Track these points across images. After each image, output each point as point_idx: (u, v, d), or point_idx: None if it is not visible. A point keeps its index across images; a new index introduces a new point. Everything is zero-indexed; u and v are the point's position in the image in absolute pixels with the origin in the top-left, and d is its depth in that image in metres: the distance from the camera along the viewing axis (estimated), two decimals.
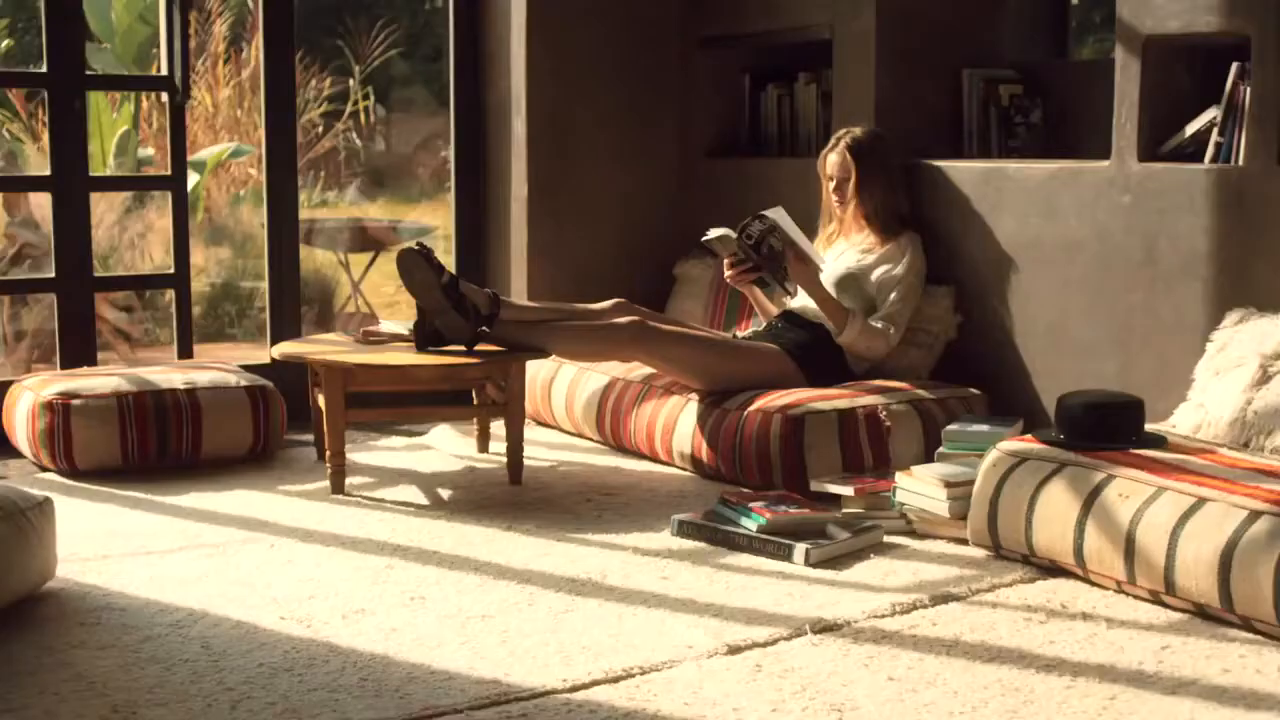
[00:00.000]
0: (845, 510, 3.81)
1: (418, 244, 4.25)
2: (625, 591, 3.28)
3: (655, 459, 4.54)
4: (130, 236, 9.41)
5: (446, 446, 4.76)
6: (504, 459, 4.30)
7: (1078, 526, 3.28)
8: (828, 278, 4.50)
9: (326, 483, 4.17)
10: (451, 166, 5.64)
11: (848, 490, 3.82)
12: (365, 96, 12.29)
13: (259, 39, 5.37)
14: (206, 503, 4.06)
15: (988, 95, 4.91)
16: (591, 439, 4.84)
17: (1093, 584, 3.30)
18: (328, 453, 4.16)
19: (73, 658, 2.84)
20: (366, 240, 8.90)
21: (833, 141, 4.61)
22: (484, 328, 4.23)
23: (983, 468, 3.54)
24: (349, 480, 4.26)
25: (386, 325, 4.54)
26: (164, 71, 5.05)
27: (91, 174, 5.04)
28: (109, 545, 3.62)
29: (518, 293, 5.44)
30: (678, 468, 4.45)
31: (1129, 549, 3.17)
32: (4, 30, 12.24)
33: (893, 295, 4.45)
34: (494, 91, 5.51)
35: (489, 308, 4.24)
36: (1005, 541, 3.47)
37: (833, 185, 4.59)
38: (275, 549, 3.61)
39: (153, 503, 4.06)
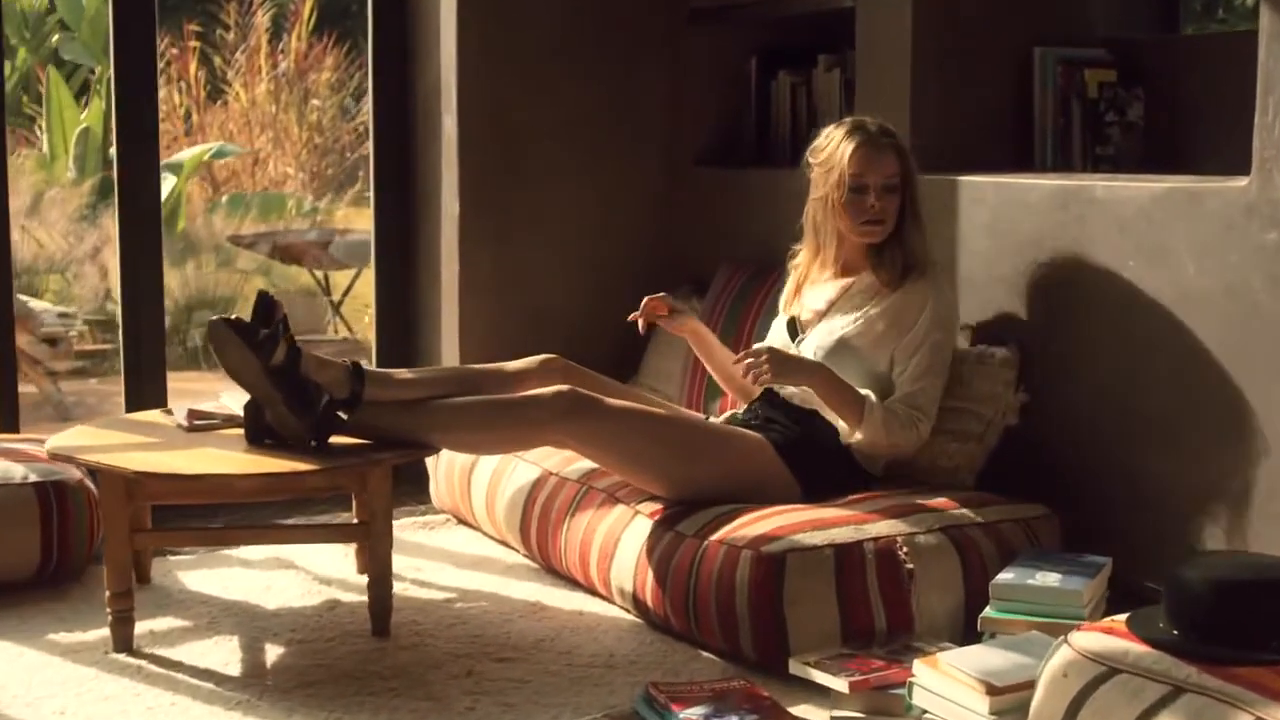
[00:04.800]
0: (835, 715, 2.51)
1: (232, 316, 3.02)
2: None
3: (592, 590, 3.26)
4: (87, 249, 8.30)
5: (316, 564, 3.50)
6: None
7: None
8: (814, 348, 3.18)
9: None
10: (371, 178, 4.40)
11: (839, 684, 2.51)
12: None
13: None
14: None
15: (1068, 83, 3.58)
16: (519, 551, 3.58)
17: None
18: (107, 594, 2.93)
19: None
20: (290, 256, 7.72)
21: (863, 132, 3.13)
22: (341, 413, 2.99)
23: (1046, 674, 2.21)
24: (150, 626, 3.04)
25: (227, 400, 3.31)
26: None
27: None
28: None
29: (448, 340, 4.19)
30: (620, 607, 3.17)
31: None
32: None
33: (913, 362, 3.11)
34: (423, 81, 4.26)
35: (348, 388, 2.99)
36: None
37: (877, 197, 3.12)
38: None
39: None
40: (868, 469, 3.14)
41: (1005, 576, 2.71)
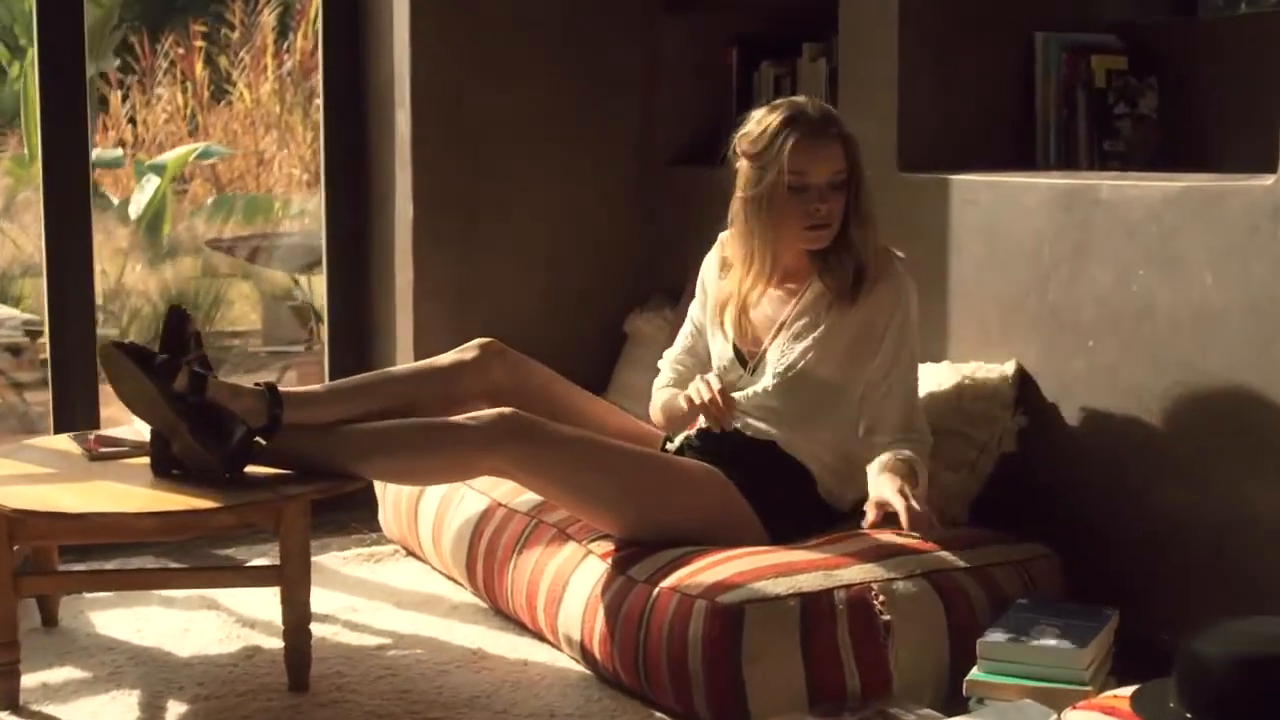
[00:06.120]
0: None
1: (126, 339, 2.74)
2: None
3: (540, 636, 2.93)
4: None
5: (243, 603, 3.18)
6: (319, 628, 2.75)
7: None
8: (771, 380, 2.80)
9: None
10: (322, 178, 4.08)
11: None
12: None
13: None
14: None
15: (1073, 72, 3.26)
16: (466, 588, 3.26)
17: None
18: None
19: None
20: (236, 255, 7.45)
21: (803, 121, 2.71)
22: (259, 439, 2.68)
23: None
24: (44, 677, 2.74)
25: (141, 424, 2.99)
26: None
27: None
28: None
29: (403, 350, 3.87)
30: (569, 657, 2.85)
31: None
32: None
33: (893, 378, 2.75)
34: (376, 72, 3.94)
35: (266, 415, 2.68)
36: None
37: (821, 198, 2.71)
38: None
39: None
40: (834, 505, 2.81)
41: (994, 637, 2.38)
